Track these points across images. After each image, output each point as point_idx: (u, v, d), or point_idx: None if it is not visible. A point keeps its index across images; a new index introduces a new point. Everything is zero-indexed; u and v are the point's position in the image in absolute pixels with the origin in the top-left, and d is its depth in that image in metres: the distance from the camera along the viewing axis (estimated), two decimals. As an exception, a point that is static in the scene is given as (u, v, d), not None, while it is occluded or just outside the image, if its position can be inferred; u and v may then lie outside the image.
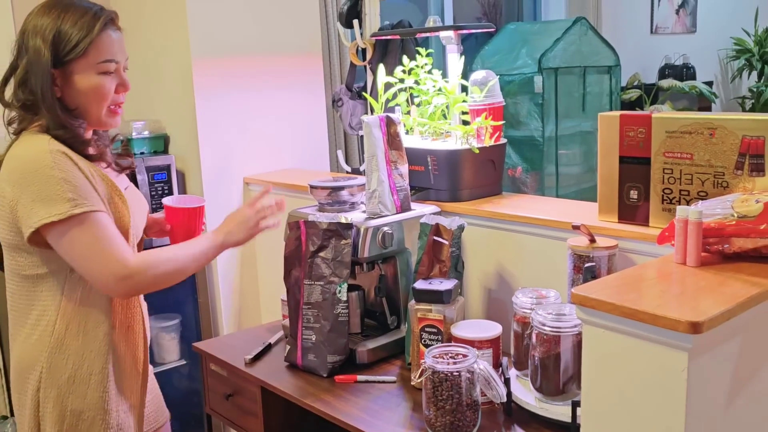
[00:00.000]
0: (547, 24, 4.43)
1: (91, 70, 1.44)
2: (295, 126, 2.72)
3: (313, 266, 1.71)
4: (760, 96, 5.57)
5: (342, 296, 1.69)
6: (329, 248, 1.71)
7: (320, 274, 1.71)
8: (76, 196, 1.37)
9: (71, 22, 1.43)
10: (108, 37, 1.46)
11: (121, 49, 1.50)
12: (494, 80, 1.93)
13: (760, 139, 1.35)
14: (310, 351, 1.71)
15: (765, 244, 1.20)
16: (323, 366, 1.70)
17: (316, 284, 1.71)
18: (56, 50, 1.42)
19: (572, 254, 1.52)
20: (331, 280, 1.70)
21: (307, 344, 1.72)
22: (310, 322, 1.72)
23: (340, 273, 1.69)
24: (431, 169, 1.91)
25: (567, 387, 1.38)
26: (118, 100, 1.50)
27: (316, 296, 1.71)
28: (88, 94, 1.45)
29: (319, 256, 1.71)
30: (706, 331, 0.99)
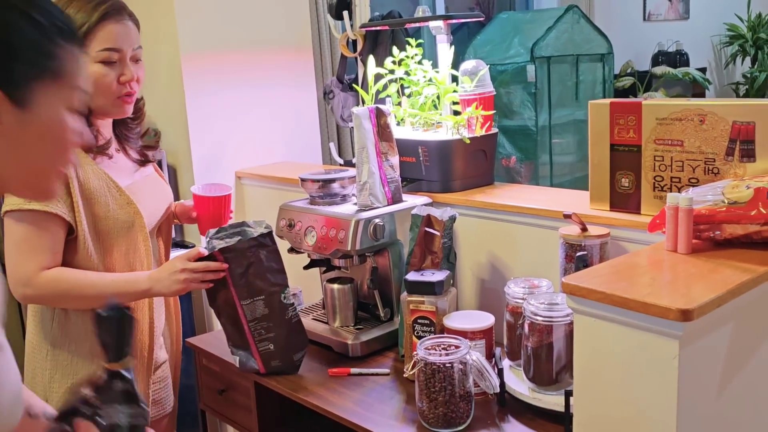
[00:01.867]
0: (539, 13, 4.42)
1: (90, 59, 1.44)
2: (287, 119, 2.70)
3: (248, 285, 1.59)
4: (753, 81, 5.57)
5: (288, 300, 1.63)
6: (258, 262, 1.60)
7: (259, 289, 1.60)
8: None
9: (75, 9, 1.44)
10: (109, 25, 1.45)
11: (127, 39, 1.48)
12: (484, 70, 1.92)
13: (750, 124, 1.35)
14: (271, 358, 1.65)
15: (756, 230, 1.19)
16: (291, 366, 1.66)
17: (256, 300, 1.61)
18: None
19: (564, 243, 1.51)
20: (272, 291, 1.61)
21: (267, 354, 1.65)
22: (263, 335, 1.63)
23: (279, 281, 1.62)
24: (422, 160, 1.90)
25: (560, 376, 1.38)
26: (123, 91, 1.49)
27: (261, 311, 1.62)
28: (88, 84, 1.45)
29: (250, 273, 1.59)
30: (696, 319, 0.98)
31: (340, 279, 1.86)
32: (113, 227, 1.50)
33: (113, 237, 1.51)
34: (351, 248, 1.70)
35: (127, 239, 1.53)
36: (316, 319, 1.90)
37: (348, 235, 1.70)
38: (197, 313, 2.57)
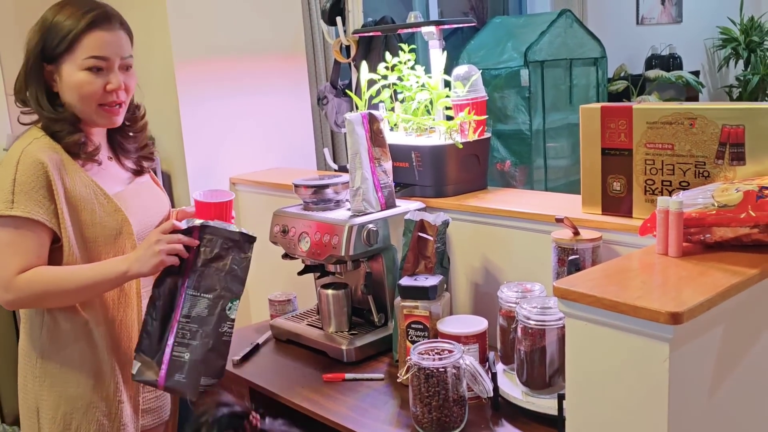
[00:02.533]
0: (532, 17, 4.43)
1: (76, 66, 1.45)
2: (281, 125, 2.71)
3: (204, 276, 1.53)
4: (747, 84, 5.59)
5: (231, 314, 1.54)
6: (227, 259, 1.54)
7: (210, 286, 1.52)
8: (18, 199, 1.40)
9: (64, 16, 1.45)
10: (97, 33, 1.45)
11: (115, 47, 1.48)
12: (477, 75, 1.93)
13: (739, 128, 1.35)
14: (178, 370, 1.51)
15: (745, 232, 1.20)
16: (192, 388, 1.51)
17: (203, 297, 1.52)
18: (45, 44, 1.46)
19: (556, 247, 1.52)
20: (222, 294, 1.53)
21: (178, 363, 1.50)
22: (186, 337, 1.51)
23: (234, 288, 1.54)
24: (415, 165, 1.90)
25: (553, 380, 1.39)
26: (108, 99, 1.49)
27: (200, 309, 1.52)
28: (73, 90, 1.47)
29: (212, 267, 1.53)
30: (686, 322, 0.99)
31: (334, 284, 1.86)
32: (100, 234, 1.50)
33: (100, 244, 1.50)
34: (345, 254, 1.71)
35: (114, 246, 1.52)
36: (310, 325, 1.90)
37: (342, 240, 1.71)
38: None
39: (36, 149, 1.43)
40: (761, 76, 5.53)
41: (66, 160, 1.46)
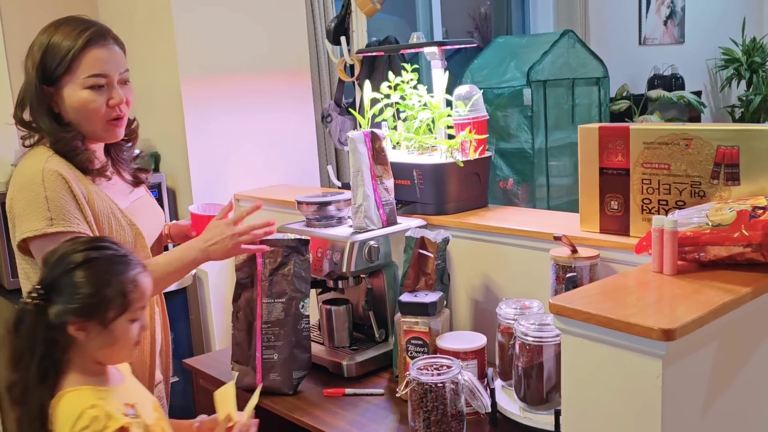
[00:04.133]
0: (535, 37, 4.47)
1: (78, 85, 1.47)
2: (285, 142, 2.74)
3: (273, 284, 1.69)
4: (749, 104, 5.62)
5: (305, 311, 1.70)
6: (290, 265, 1.69)
7: (281, 291, 1.69)
8: (56, 215, 1.40)
9: (60, 37, 1.47)
10: (95, 51, 1.47)
11: (114, 63, 1.50)
12: (478, 95, 1.96)
13: (734, 148, 1.38)
14: (272, 370, 1.69)
15: (739, 251, 1.22)
16: (287, 383, 1.69)
17: (276, 302, 1.69)
18: (45, 67, 1.47)
19: (555, 265, 1.54)
20: (293, 296, 1.69)
21: (269, 364, 1.69)
22: (271, 340, 1.69)
23: (302, 288, 1.70)
24: (417, 183, 1.93)
25: (550, 396, 1.40)
26: (112, 115, 1.51)
27: (277, 314, 1.69)
28: (78, 109, 1.48)
29: (279, 274, 1.69)
30: (678, 338, 1.01)
31: (335, 300, 1.88)
32: None
33: None
34: (346, 270, 1.73)
35: None
36: (312, 340, 1.92)
37: (343, 256, 1.73)
38: (195, 334, 2.59)
39: (55, 165, 1.44)
40: (763, 97, 5.56)
41: (80, 176, 1.49)
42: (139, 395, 1.32)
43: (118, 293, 1.22)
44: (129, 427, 1.18)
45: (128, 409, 1.22)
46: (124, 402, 1.23)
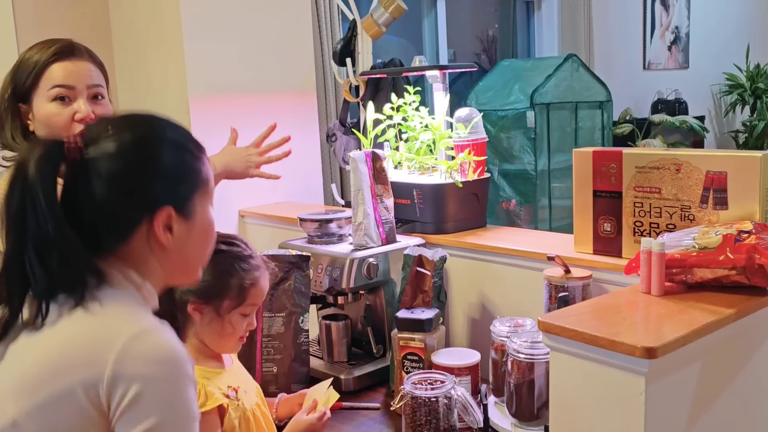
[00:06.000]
0: (539, 61, 4.54)
1: (44, 98, 1.47)
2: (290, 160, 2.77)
3: (274, 298, 1.74)
4: (753, 130, 5.67)
5: (305, 326, 1.76)
6: (290, 280, 1.75)
7: (281, 306, 1.75)
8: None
9: (30, 53, 1.49)
10: (59, 63, 1.47)
11: (79, 76, 1.48)
12: (478, 117, 2.00)
13: (722, 174, 1.42)
14: (271, 383, 1.73)
15: (724, 274, 1.26)
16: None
17: (277, 316, 1.75)
18: (16, 83, 1.48)
19: (548, 284, 1.58)
20: (293, 310, 1.75)
21: (268, 377, 1.74)
22: (271, 354, 1.74)
23: (302, 303, 1.76)
24: (417, 203, 1.98)
25: (541, 412, 1.43)
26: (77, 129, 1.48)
27: (277, 328, 1.75)
28: (44, 123, 1.47)
29: (280, 288, 1.75)
30: (661, 356, 1.04)
31: (335, 316, 1.92)
32: None
33: None
34: (345, 286, 1.77)
35: None
36: (311, 355, 1.95)
37: (343, 273, 1.77)
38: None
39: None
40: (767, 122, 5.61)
41: None
42: (244, 380, 1.42)
43: (237, 286, 1.35)
44: (227, 407, 1.29)
45: (231, 392, 1.33)
46: (228, 385, 1.34)
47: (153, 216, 0.98)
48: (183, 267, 1.06)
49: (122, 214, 0.98)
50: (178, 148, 1.04)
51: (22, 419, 0.87)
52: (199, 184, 1.04)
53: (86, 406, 0.86)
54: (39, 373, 0.89)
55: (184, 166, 1.03)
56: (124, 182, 0.97)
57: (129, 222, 0.98)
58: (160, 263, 1.02)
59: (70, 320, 0.92)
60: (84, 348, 0.89)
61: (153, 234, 0.99)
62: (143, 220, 0.98)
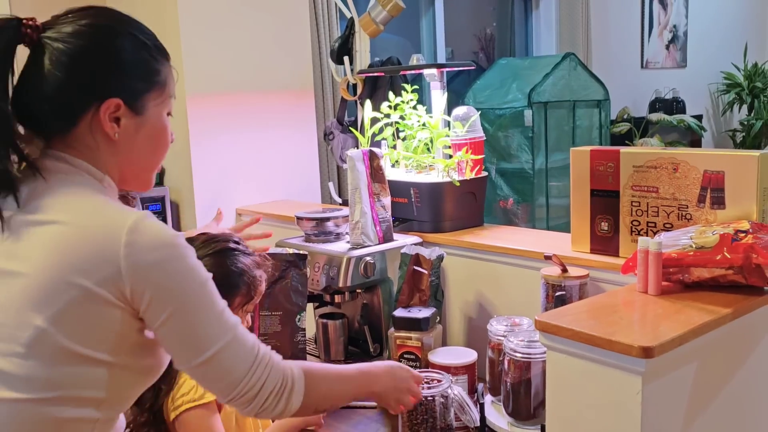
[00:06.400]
0: (537, 59, 4.54)
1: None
2: (287, 159, 2.79)
3: (271, 297, 1.74)
4: (750, 129, 5.67)
5: (302, 324, 1.76)
6: (287, 278, 1.76)
7: (279, 304, 1.75)
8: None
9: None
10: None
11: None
12: (475, 116, 2.00)
13: (719, 173, 1.42)
14: None
15: (721, 273, 1.26)
16: None
17: (273, 315, 1.75)
18: None
19: (545, 283, 1.57)
20: (290, 309, 1.76)
21: None
22: None
23: (299, 302, 1.77)
24: (414, 201, 1.97)
25: (537, 411, 1.43)
26: None
27: (274, 326, 1.75)
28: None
29: (276, 287, 1.75)
30: (657, 356, 1.04)
31: (332, 314, 1.92)
32: None
33: None
34: (342, 285, 1.77)
35: None
36: (308, 353, 1.95)
37: (340, 271, 1.77)
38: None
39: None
40: (764, 122, 5.61)
41: None
42: None
43: (247, 283, 1.41)
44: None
45: None
46: None
47: (100, 104, 1.01)
48: (132, 167, 1.08)
49: (71, 96, 1.00)
50: (138, 44, 1.05)
51: (51, 326, 0.91)
52: (155, 85, 1.06)
53: (108, 298, 0.93)
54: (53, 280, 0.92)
55: (141, 62, 1.05)
56: (76, 65, 0.99)
57: (76, 106, 1.00)
58: (110, 157, 1.04)
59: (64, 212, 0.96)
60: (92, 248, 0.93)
61: (98, 122, 1.01)
62: (91, 106, 1.01)
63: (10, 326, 0.92)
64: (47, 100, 0.99)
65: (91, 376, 0.94)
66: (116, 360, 0.96)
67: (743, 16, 6.10)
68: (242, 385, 1.01)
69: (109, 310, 0.94)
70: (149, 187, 1.14)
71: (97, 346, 0.94)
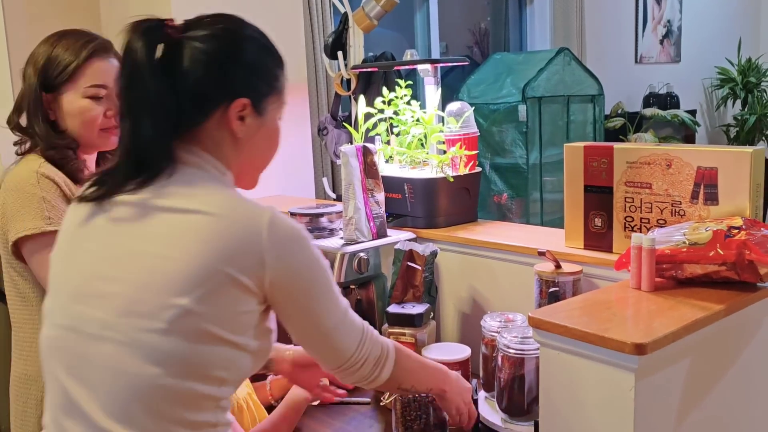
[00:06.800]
0: (531, 54, 4.53)
1: (78, 94, 1.53)
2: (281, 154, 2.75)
3: None
4: (744, 124, 5.68)
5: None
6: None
7: None
8: (53, 215, 1.44)
9: (63, 48, 1.53)
10: (97, 63, 1.54)
11: (113, 76, 1.54)
12: (469, 111, 2.00)
13: (713, 169, 1.42)
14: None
15: (714, 269, 1.26)
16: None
17: None
18: (46, 75, 1.52)
19: (539, 279, 1.58)
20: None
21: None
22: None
23: None
24: (408, 197, 1.97)
25: (531, 407, 1.43)
26: (108, 124, 1.56)
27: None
28: (75, 117, 1.54)
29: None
30: (650, 353, 1.05)
31: (326, 310, 1.91)
32: None
33: None
34: (336, 280, 1.76)
35: None
36: (302, 349, 1.96)
37: (333, 267, 1.77)
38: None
39: (48, 171, 1.49)
40: (758, 116, 5.62)
41: (69, 184, 1.53)
42: None
43: None
44: None
45: None
46: None
47: (231, 102, 1.09)
48: (248, 166, 1.16)
49: (207, 91, 1.08)
50: (264, 50, 1.16)
51: (196, 306, 0.99)
52: (274, 90, 1.16)
53: (248, 285, 1.02)
54: (200, 266, 0.99)
55: (266, 67, 1.15)
56: (213, 63, 1.08)
57: (211, 101, 1.09)
58: (232, 153, 1.12)
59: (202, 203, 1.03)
60: (237, 238, 1.01)
61: (226, 119, 1.10)
62: (222, 103, 1.09)
63: (152, 304, 0.99)
64: (185, 93, 1.07)
65: (221, 356, 1.02)
66: (243, 342, 1.04)
67: (737, 11, 6.11)
68: (352, 358, 1.14)
69: (246, 296, 1.02)
70: (254, 186, 1.22)
71: (231, 329, 1.02)
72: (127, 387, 0.99)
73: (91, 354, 1.02)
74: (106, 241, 1.06)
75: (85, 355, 1.02)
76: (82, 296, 1.05)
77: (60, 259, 1.12)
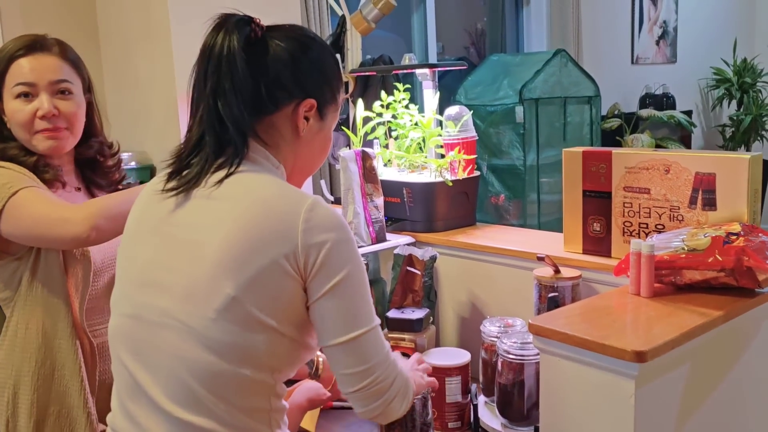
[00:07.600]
0: (528, 56, 4.54)
1: (10, 95, 1.46)
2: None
3: None
4: (740, 124, 5.70)
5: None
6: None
7: None
8: (8, 180, 1.39)
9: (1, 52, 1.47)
10: (22, 60, 1.46)
11: (41, 72, 1.46)
12: (467, 115, 2.00)
13: (711, 175, 1.43)
14: None
15: (713, 275, 1.27)
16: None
17: None
18: None
19: (538, 284, 1.58)
20: None
21: None
22: None
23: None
24: (407, 201, 1.97)
25: (531, 413, 1.44)
26: (41, 126, 1.46)
27: None
28: (11, 121, 1.47)
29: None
30: (650, 360, 1.05)
31: (325, 314, 1.92)
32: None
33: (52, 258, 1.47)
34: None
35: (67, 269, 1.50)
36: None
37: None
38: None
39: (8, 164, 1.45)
40: (754, 117, 5.64)
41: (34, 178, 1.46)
42: None
43: None
44: None
45: None
46: None
47: (302, 100, 1.16)
48: (300, 165, 1.21)
49: (284, 84, 1.15)
50: (335, 63, 1.24)
51: (240, 293, 1.03)
52: (335, 99, 1.22)
53: (288, 270, 1.04)
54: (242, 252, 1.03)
55: (334, 77, 1.22)
56: (293, 62, 1.16)
57: (286, 94, 1.15)
58: (290, 148, 1.18)
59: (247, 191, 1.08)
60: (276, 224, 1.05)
61: (295, 115, 1.16)
62: (294, 99, 1.16)
63: (202, 293, 1.04)
64: (266, 81, 1.14)
65: (269, 343, 1.05)
66: (287, 331, 1.07)
67: (732, 11, 6.12)
68: (377, 375, 1.09)
69: (287, 281, 1.05)
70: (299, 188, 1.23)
71: (276, 316, 1.05)
72: (186, 372, 1.04)
73: (154, 340, 1.08)
74: (166, 231, 1.12)
75: (149, 341, 1.08)
76: (145, 286, 1.11)
77: (127, 250, 1.18)
